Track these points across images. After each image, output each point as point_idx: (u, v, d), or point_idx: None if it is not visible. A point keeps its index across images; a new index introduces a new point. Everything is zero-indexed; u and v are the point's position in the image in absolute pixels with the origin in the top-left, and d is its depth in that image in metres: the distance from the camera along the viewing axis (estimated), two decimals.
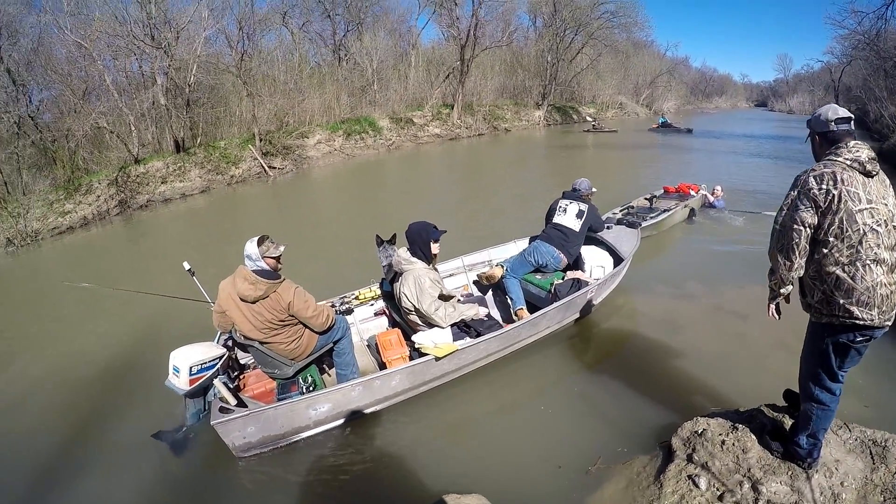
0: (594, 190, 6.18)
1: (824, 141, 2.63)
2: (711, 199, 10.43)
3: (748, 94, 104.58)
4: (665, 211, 9.18)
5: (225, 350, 4.10)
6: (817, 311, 2.65)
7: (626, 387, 4.54)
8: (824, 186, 2.43)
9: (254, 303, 3.73)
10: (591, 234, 6.18)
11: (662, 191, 10.73)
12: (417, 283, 4.23)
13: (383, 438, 4.02)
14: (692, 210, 9.89)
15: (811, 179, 2.48)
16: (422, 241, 4.33)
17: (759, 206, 10.35)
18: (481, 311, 4.67)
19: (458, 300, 4.81)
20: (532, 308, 5.41)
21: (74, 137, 17.76)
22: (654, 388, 4.45)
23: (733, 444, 3.22)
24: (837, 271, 2.48)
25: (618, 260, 6.03)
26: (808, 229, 2.50)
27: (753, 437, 3.25)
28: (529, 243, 6.25)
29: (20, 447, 4.35)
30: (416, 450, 3.90)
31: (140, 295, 5.63)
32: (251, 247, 3.76)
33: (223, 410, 3.52)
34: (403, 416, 4.26)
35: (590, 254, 5.95)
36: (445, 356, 4.08)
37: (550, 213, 6.11)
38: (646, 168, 17.76)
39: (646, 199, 10.14)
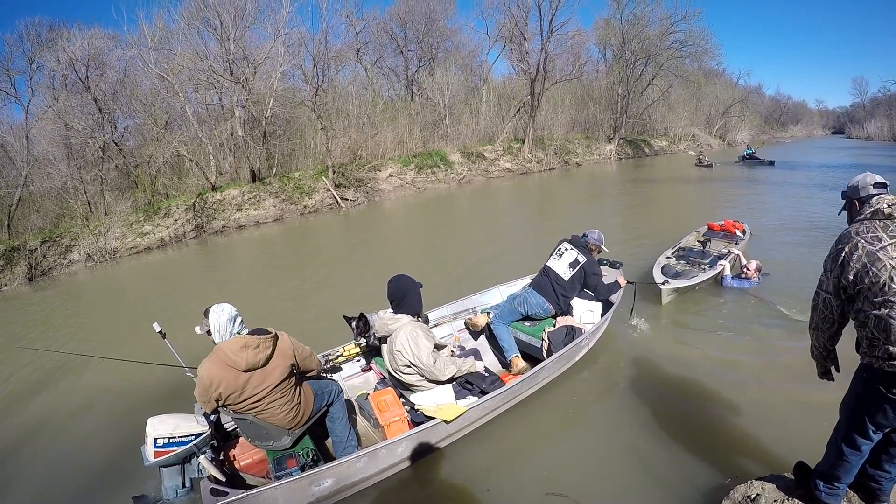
0: (604, 248, 5.76)
1: (862, 206, 2.58)
2: (739, 274, 7.74)
3: (824, 122, 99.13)
4: (713, 263, 7.82)
5: (208, 427, 3.67)
6: (864, 353, 2.48)
7: (644, 440, 4.15)
8: (839, 246, 2.47)
9: (265, 365, 3.39)
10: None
11: (706, 228, 9.51)
12: (411, 338, 3.99)
13: None
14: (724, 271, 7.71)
15: (830, 248, 2.54)
16: (413, 294, 4.18)
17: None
18: (477, 365, 4.45)
19: (452, 352, 4.56)
20: (525, 356, 5.31)
21: (155, 164, 18.37)
22: (671, 445, 4.03)
23: None
24: (874, 312, 2.34)
25: (606, 303, 5.73)
26: (825, 293, 2.55)
27: None
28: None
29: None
30: None
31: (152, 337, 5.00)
32: (229, 311, 3.63)
33: (216, 493, 3.13)
34: (408, 482, 3.93)
35: (577, 300, 5.72)
36: (454, 419, 3.84)
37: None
38: (722, 202, 16.18)
39: (699, 241, 8.99)
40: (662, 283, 6.79)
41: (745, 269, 7.60)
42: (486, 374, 4.42)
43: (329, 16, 24.75)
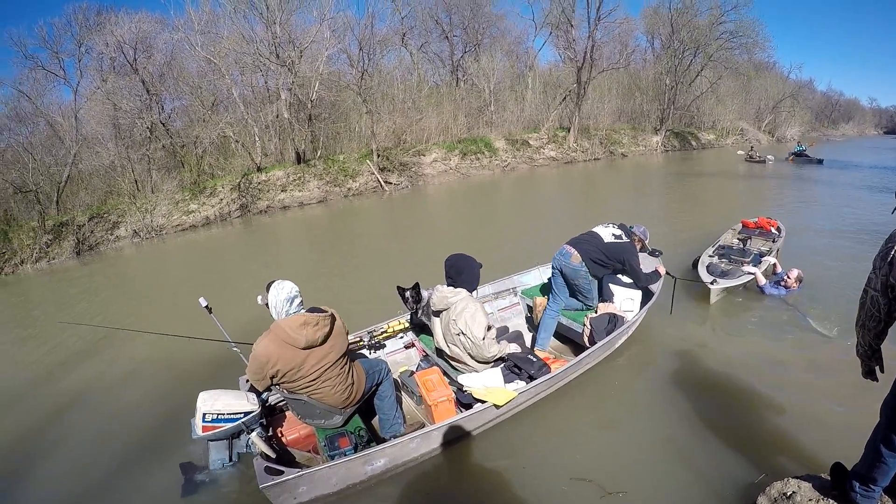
0: (648, 245, 5.69)
1: None
2: (778, 281, 7.15)
3: (877, 120, 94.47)
4: (755, 261, 7.53)
5: (258, 406, 3.66)
6: None
7: (680, 431, 4.09)
8: (889, 244, 2.41)
9: (323, 343, 3.43)
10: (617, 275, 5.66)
11: (740, 226, 9.20)
12: (468, 311, 4.07)
13: (436, 486, 3.72)
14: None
15: (880, 246, 2.47)
16: (472, 272, 4.25)
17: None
18: (511, 347, 4.56)
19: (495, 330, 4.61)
20: (565, 340, 5.57)
21: (202, 144, 18.39)
22: (708, 438, 3.98)
23: None
24: None
25: (646, 293, 5.65)
26: (873, 290, 2.48)
27: None
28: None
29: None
30: (472, 492, 3.67)
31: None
32: (288, 290, 3.50)
33: (271, 472, 3.16)
34: (452, 460, 3.96)
35: (617, 287, 5.60)
36: (505, 404, 3.91)
37: None
38: (768, 200, 15.29)
39: (738, 238, 8.71)
40: (711, 283, 6.59)
41: (786, 277, 7.10)
42: (534, 360, 4.44)
43: (374, 0, 24.59)
